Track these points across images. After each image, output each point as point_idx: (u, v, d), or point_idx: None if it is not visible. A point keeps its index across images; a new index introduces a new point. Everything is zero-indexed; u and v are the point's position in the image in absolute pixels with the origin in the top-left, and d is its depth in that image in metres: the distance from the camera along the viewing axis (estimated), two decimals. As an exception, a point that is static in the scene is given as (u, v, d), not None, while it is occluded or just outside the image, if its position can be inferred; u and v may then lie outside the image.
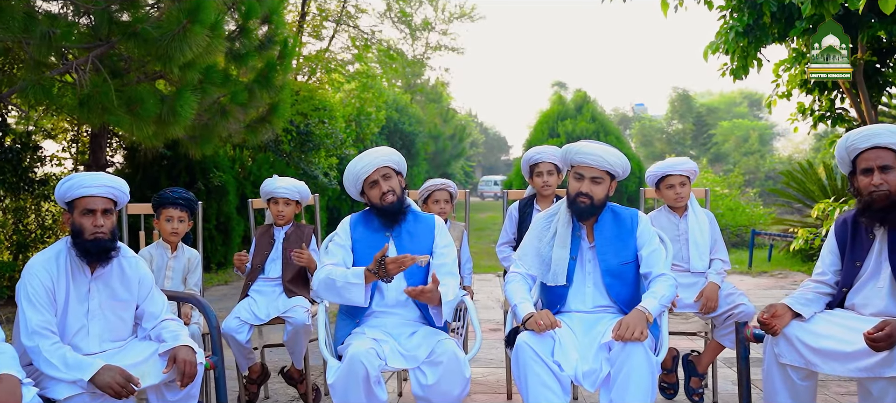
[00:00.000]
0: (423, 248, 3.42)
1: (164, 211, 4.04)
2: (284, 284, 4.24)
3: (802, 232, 9.52)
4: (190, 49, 6.65)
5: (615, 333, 2.97)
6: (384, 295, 3.39)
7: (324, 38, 16.12)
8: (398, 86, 26.32)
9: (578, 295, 3.34)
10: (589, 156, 3.25)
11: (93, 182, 2.96)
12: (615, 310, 3.31)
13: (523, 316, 3.16)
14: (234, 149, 12.66)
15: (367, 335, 3.21)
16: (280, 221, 4.38)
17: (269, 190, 4.37)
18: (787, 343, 2.99)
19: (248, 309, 4.14)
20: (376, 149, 3.49)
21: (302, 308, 4.08)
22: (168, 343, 2.99)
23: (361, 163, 3.42)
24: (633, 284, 3.34)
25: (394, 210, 3.40)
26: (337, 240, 3.43)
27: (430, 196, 4.56)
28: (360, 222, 3.49)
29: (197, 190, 10.91)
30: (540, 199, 4.49)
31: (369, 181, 3.42)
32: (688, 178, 4.18)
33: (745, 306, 3.96)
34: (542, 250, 3.38)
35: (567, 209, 3.38)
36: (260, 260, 4.33)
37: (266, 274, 4.31)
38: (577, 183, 3.30)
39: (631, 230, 3.34)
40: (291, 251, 4.21)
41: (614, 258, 3.30)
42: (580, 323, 3.26)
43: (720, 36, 8.14)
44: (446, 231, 3.52)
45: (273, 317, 4.13)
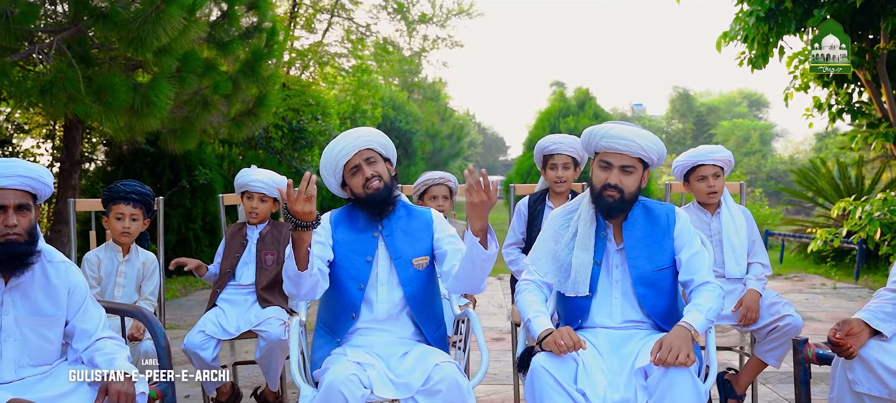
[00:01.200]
0: (423, 248, 2.86)
1: (114, 208, 3.47)
2: (258, 292, 3.68)
3: (821, 232, 8.96)
4: (165, 32, 6.11)
5: (655, 356, 2.41)
6: (372, 308, 2.82)
7: (317, 31, 15.55)
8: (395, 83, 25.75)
9: (604, 307, 2.78)
10: (619, 141, 2.69)
11: (3, 171, 2.38)
12: (649, 326, 2.75)
13: (540, 333, 2.60)
14: (221, 146, 12.10)
15: (350, 357, 2.65)
16: (253, 219, 3.81)
17: (243, 182, 3.81)
18: (865, 368, 2.43)
19: (216, 322, 3.58)
20: (357, 129, 2.93)
21: (277, 320, 3.52)
22: (101, 368, 2.42)
23: (340, 146, 2.86)
24: (669, 294, 2.78)
25: (381, 198, 2.83)
26: (317, 237, 2.86)
27: (426, 191, 4.00)
28: (342, 220, 2.92)
29: (182, 188, 10.36)
30: (553, 196, 3.93)
31: (350, 167, 2.86)
32: (722, 169, 3.62)
33: (792, 318, 3.41)
34: (559, 253, 2.82)
35: (590, 204, 2.82)
36: (230, 263, 3.77)
37: (237, 281, 3.74)
38: (604, 172, 2.74)
39: (667, 229, 2.79)
40: (265, 252, 3.65)
41: (648, 263, 2.74)
42: (607, 342, 2.70)
43: (738, 22, 7.58)
44: (447, 222, 2.97)
45: (244, 331, 3.57)
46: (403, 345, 2.80)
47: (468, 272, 2.62)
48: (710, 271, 2.74)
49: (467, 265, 2.60)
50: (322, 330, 2.89)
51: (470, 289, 2.69)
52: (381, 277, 2.84)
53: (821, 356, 2.64)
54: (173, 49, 6.51)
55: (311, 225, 2.47)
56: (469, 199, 2.49)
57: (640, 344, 2.64)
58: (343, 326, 2.82)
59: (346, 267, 2.82)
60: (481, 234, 2.53)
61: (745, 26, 7.47)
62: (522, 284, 2.83)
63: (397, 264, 2.82)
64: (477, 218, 2.51)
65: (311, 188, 2.40)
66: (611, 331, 2.74)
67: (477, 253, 2.54)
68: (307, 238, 2.51)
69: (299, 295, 2.67)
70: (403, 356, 2.74)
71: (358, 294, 2.80)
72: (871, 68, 8.38)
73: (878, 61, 8.27)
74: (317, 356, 2.82)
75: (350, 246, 2.84)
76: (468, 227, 2.56)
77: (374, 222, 2.87)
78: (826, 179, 12.54)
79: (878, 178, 12.28)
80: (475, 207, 2.49)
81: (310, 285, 2.63)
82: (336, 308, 2.84)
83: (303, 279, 2.57)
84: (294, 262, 2.53)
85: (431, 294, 2.91)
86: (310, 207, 2.42)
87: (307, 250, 2.53)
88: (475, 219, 2.51)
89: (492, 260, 2.57)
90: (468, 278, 2.64)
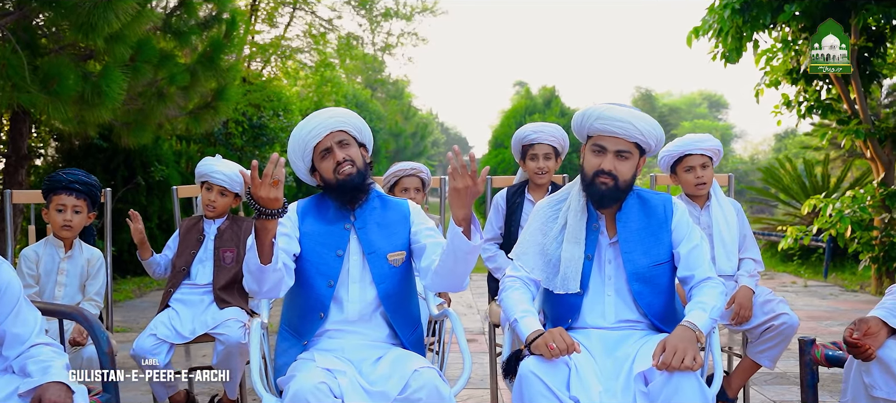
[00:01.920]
0: (399, 242, 2.61)
1: (54, 198, 3.16)
2: (215, 292, 3.39)
3: (792, 230, 8.89)
4: (116, 18, 5.75)
5: (657, 360, 2.19)
6: (343, 307, 2.55)
7: (278, 25, 15.16)
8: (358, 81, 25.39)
9: (596, 306, 2.55)
10: (615, 123, 2.46)
11: None
12: (645, 326, 2.53)
13: (528, 335, 2.36)
14: (179, 142, 11.68)
15: (318, 363, 2.39)
16: (209, 212, 3.52)
17: (204, 171, 3.51)
18: (883, 371, 2.23)
19: (168, 325, 3.28)
20: (330, 108, 2.66)
21: (236, 322, 3.24)
22: (33, 378, 2.13)
23: (310, 126, 2.59)
24: (667, 291, 2.56)
25: (353, 185, 2.55)
26: (282, 229, 2.59)
27: (397, 183, 3.74)
28: (311, 210, 2.65)
29: (137, 185, 9.95)
30: (532, 188, 3.70)
31: (321, 149, 2.58)
32: (711, 159, 3.42)
33: (788, 316, 3.22)
34: (547, 247, 2.59)
35: (580, 193, 2.59)
36: (184, 260, 3.47)
37: (192, 279, 3.44)
38: (597, 158, 2.51)
39: (664, 221, 2.57)
40: (223, 249, 3.36)
41: (643, 257, 2.52)
42: (600, 344, 2.47)
43: (713, 14, 7.43)
44: (425, 214, 2.71)
45: (200, 334, 3.27)
46: (377, 349, 2.55)
47: (449, 267, 2.37)
48: (711, 266, 2.53)
49: (449, 259, 2.35)
50: (286, 333, 2.61)
51: (451, 286, 2.45)
52: (352, 273, 2.58)
53: (831, 357, 2.45)
54: (126, 36, 6.15)
55: (277, 214, 2.20)
56: (452, 184, 2.24)
57: (637, 346, 2.41)
58: (310, 327, 2.55)
59: (314, 261, 2.55)
60: (464, 224, 2.28)
61: (720, 19, 7.32)
62: (507, 281, 2.58)
63: (371, 259, 2.56)
64: (460, 206, 2.26)
65: (279, 172, 2.13)
66: (604, 332, 2.52)
67: (459, 245, 2.29)
68: (272, 228, 2.24)
69: (261, 293, 2.39)
70: (377, 361, 2.48)
71: (327, 291, 2.54)
72: (844, 65, 8.32)
73: (848, 58, 8.21)
74: (281, 361, 2.55)
75: (319, 239, 2.57)
76: (448, 218, 2.31)
77: (345, 212, 2.61)
78: (792, 177, 12.55)
79: (843, 176, 12.32)
80: (459, 193, 2.24)
81: (273, 281, 2.36)
82: (303, 307, 2.57)
83: (266, 274, 2.30)
84: (256, 255, 2.26)
85: (408, 292, 2.66)
86: (276, 193, 2.15)
87: (271, 241, 2.26)
88: (458, 207, 2.26)
89: (476, 253, 2.33)
90: (449, 274, 2.39)
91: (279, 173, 2.13)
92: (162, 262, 3.57)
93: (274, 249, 2.28)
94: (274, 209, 2.18)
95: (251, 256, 2.28)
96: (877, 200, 8.23)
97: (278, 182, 2.13)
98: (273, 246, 2.28)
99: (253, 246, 2.27)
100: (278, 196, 2.16)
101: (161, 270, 3.56)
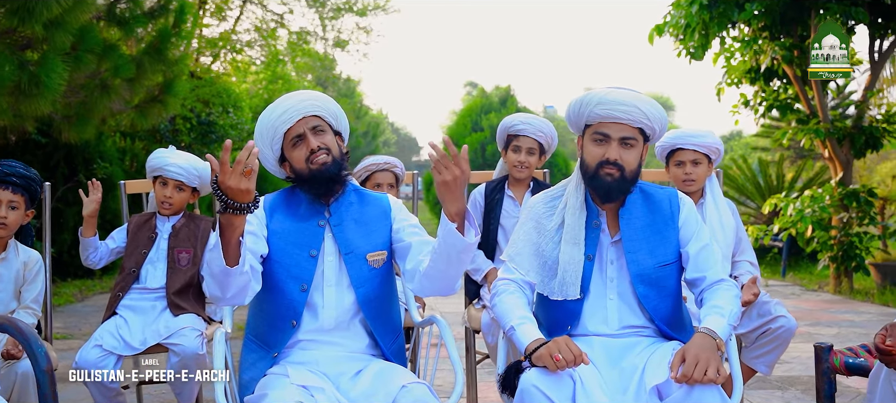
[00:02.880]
0: (379, 241, 2.35)
1: (-13, 194, 2.80)
2: (169, 297, 3.08)
3: (752, 229, 8.87)
4: (57, 3, 5.37)
5: (677, 371, 1.97)
6: (318, 314, 2.28)
7: (228, 18, 14.70)
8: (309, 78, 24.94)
9: (598, 311, 2.33)
10: (618, 107, 2.24)
11: None
12: (651, 332, 2.32)
13: (528, 344, 2.12)
14: (123, 138, 11.18)
15: (293, 379, 2.11)
16: (165, 210, 3.20)
17: (157, 165, 3.19)
18: (916, 380, 2.06)
19: (116, 334, 2.96)
20: (303, 91, 2.38)
21: (193, 331, 2.94)
22: None
23: (281, 109, 2.29)
24: (674, 294, 2.35)
25: (328, 175, 2.27)
26: (249, 227, 2.31)
27: (368, 179, 3.47)
28: (280, 206, 2.37)
29: (78, 183, 9.44)
30: (512, 183, 3.48)
31: (292, 136, 2.30)
32: (706, 157, 3.22)
33: (786, 319, 3.06)
34: (543, 247, 2.36)
35: (579, 189, 2.36)
36: (134, 261, 3.14)
37: (142, 283, 3.13)
38: (600, 147, 2.29)
39: (670, 217, 2.36)
40: (178, 250, 3.06)
41: (649, 257, 2.30)
42: (603, 353, 2.25)
43: (679, 9, 7.32)
44: (405, 208, 2.46)
45: (152, 344, 2.95)
46: (356, 361, 2.28)
47: (441, 268, 2.12)
48: (723, 267, 2.33)
49: (441, 259, 2.09)
50: (253, 344, 2.33)
51: (443, 289, 2.19)
52: (328, 276, 2.31)
53: (852, 365, 2.27)
54: (67, 23, 5.74)
55: (248, 208, 1.92)
56: (439, 178, 1.99)
57: (646, 356, 2.19)
58: (280, 337, 2.27)
59: (284, 263, 2.27)
60: (458, 219, 2.03)
61: (687, 14, 7.22)
62: (501, 284, 2.34)
63: (348, 260, 2.29)
64: (453, 200, 2.01)
65: (253, 161, 1.86)
66: (607, 340, 2.29)
67: (454, 243, 2.03)
68: (240, 224, 1.96)
69: (224, 299, 2.10)
70: (357, 375, 2.22)
71: (300, 297, 2.26)
72: (801, 64, 8.32)
73: (808, 57, 8.20)
74: (247, 376, 2.26)
75: (290, 238, 2.29)
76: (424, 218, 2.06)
77: (319, 208, 2.33)
78: (747, 178, 12.62)
79: (796, 177, 12.43)
80: (448, 186, 1.99)
81: (239, 285, 2.07)
82: (272, 314, 2.28)
83: (231, 277, 2.01)
84: (221, 256, 1.97)
85: (389, 297, 2.40)
86: (248, 184, 1.87)
87: (239, 240, 1.98)
88: (451, 201, 2.01)
89: (472, 250, 2.08)
90: (442, 275, 2.13)
91: (253, 162, 1.86)
92: (101, 249, 3.24)
93: (241, 249, 2.00)
94: (244, 202, 1.90)
95: (215, 257, 1.99)
96: (835, 200, 8.25)
97: (251, 171, 1.86)
98: (240, 245, 2.00)
99: (217, 245, 1.98)
100: (250, 187, 1.89)
101: (96, 257, 3.22)
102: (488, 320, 3.22)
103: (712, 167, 3.23)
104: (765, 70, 8.51)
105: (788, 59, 8.12)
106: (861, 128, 8.46)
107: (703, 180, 3.20)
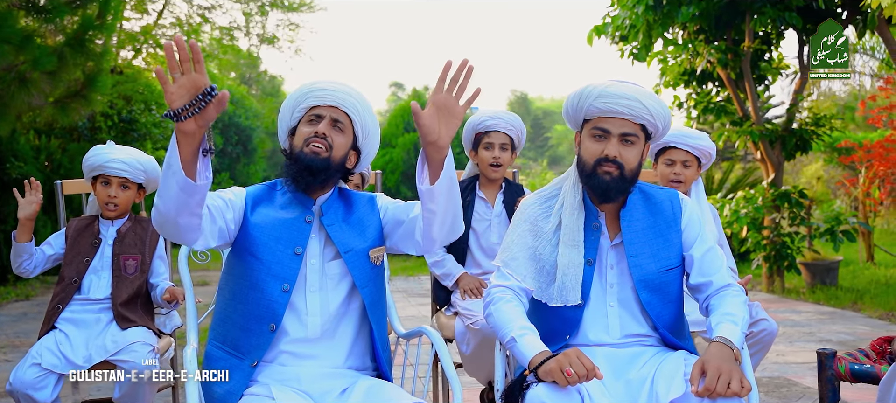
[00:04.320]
0: (373, 235, 2.16)
1: None
2: (115, 308, 2.80)
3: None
4: (-30, -13, 4.95)
5: (698, 385, 1.84)
6: (302, 321, 2.07)
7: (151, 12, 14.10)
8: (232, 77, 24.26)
9: (599, 319, 2.19)
10: (620, 101, 2.10)
11: None
12: (655, 341, 2.19)
13: (533, 357, 1.96)
14: (38, 136, 10.54)
15: (277, 399, 1.89)
16: (110, 212, 2.91)
17: (97, 163, 2.89)
18: (932, 387, 1.99)
19: (56, 351, 2.66)
20: (354, 88, 2.17)
21: (144, 345, 2.67)
22: None
23: (320, 86, 2.14)
24: (677, 300, 2.23)
25: (314, 166, 2.05)
26: (223, 193, 2.09)
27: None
28: (263, 198, 2.15)
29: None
30: (484, 184, 3.31)
31: (313, 113, 2.12)
32: (697, 160, 3.13)
33: (767, 322, 2.99)
34: (540, 251, 2.20)
35: (576, 188, 2.22)
36: (75, 270, 2.85)
37: (85, 294, 2.84)
38: (599, 143, 2.15)
39: (672, 219, 2.24)
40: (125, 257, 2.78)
41: (652, 261, 2.18)
42: (607, 364, 2.11)
43: (625, 8, 7.29)
44: (388, 197, 2.27)
45: (98, 361, 2.66)
46: (340, 378, 2.08)
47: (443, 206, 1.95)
48: (729, 272, 2.22)
49: (441, 197, 1.92)
50: (221, 352, 2.08)
51: (454, 231, 2.04)
52: (311, 280, 2.10)
53: (857, 372, 2.20)
54: (-19, 11, 5.32)
55: (207, 95, 1.63)
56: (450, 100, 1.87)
57: (653, 367, 2.06)
58: (256, 343, 2.03)
59: (265, 259, 2.04)
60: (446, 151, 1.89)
61: (632, 15, 7.20)
62: (496, 292, 2.17)
63: (350, 259, 2.10)
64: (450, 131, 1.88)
65: (197, 55, 1.61)
66: (610, 350, 2.15)
67: (450, 174, 1.92)
68: (196, 130, 1.67)
69: (177, 226, 1.81)
70: (343, 393, 2.03)
71: (281, 298, 2.04)
72: (735, 67, 8.45)
73: (742, 60, 8.34)
74: (218, 391, 2.02)
75: (272, 232, 2.07)
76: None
77: (306, 203, 2.13)
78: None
79: (725, 178, 12.69)
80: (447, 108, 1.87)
81: (195, 206, 1.78)
82: (246, 317, 2.05)
83: (192, 195, 1.74)
84: (179, 165, 1.70)
85: (386, 300, 2.23)
86: (199, 78, 1.62)
87: (197, 151, 1.71)
88: (452, 128, 1.88)
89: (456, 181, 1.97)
90: (452, 216, 1.99)
91: (197, 54, 1.61)
92: (37, 256, 2.92)
93: (201, 170, 1.74)
94: (207, 89, 1.63)
95: (170, 173, 1.71)
96: (768, 201, 8.41)
97: (200, 61, 1.61)
98: (197, 158, 1.72)
99: (173, 152, 1.69)
100: (202, 77, 1.63)
101: (31, 264, 2.90)
102: (462, 328, 3.05)
103: (700, 171, 3.15)
104: (700, 73, 8.61)
105: (723, 63, 8.23)
106: (792, 130, 8.65)
107: (691, 182, 3.11)
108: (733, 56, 8.32)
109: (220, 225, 2.01)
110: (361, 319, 2.15)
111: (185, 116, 1.63)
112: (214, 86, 1.63)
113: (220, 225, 2.01)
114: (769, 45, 8.84)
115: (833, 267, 8.82)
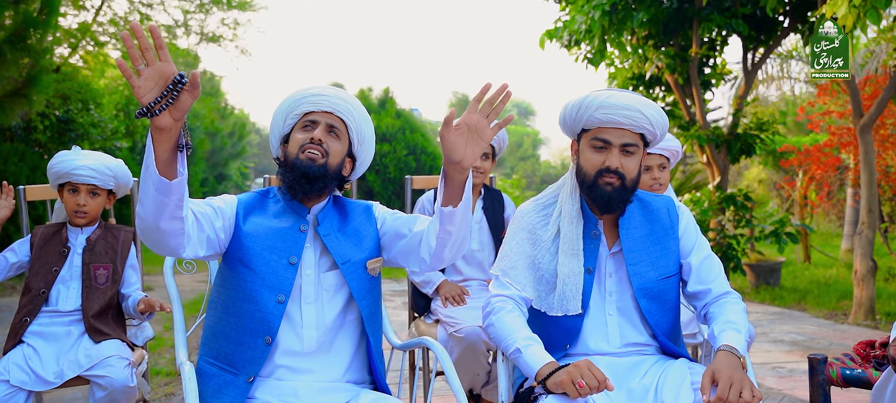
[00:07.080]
0: (373, 246, 2.10)
1: None
2: (87, 321, 2.67)
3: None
4: None
5: (710, 395, 1.84)
6: (298, 333, 2.00)
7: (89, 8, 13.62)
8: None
9: (599, 328, 2.18)
10: (620, 111, 2.10)
11: None
12: (654, 349, 2.20)
13: (540, 368, 1.94)
14: (-32, 137, 10.09)
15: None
16: (79, 220, 2.77)
17: (64, 170, 2.75)
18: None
19: (24, 366, 2.52)
20: (348, 93, 2.11)
21: (120, 360, 2.55)
22: None
23: (314, 92, 2.07)
24: (674, 309, 2.24)
25: (307, 171, 1.99)
26: (212, 201, 2.01)
27: None
28: (256, 207, 2.08)
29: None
30: (463, 189, 3.27)
31: (308, 119, 2.06)
32: (668, 160, 3.17)
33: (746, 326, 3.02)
34: (539, 259, 2.18)
35: (573, 197, 2.21)
36: (43, 281, 2.70)
37: (54, 306, 2.70)
38: (600, 154, 2.14)
39: (669, 227, 2.25)
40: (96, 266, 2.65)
41: (651, 269, 2.18)
42: (608, 373, 2.07)
43: (581, 14, 7.35)
44: (385, 207, 2.22)
45: (71, 377, 2.54)
46: (339, 392, 2.02)
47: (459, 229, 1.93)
48: (726, 279, 2.24)
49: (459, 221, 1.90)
50: (213, 366, 2.00)
51: (462, 251, 2.01)
52: (306, 292, 2.03)
53: (849, 377, 2.23)
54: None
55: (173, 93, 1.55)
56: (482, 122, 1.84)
57: (655, 376, 2.06)
58: (252, 357, 1.96)
59: (259, 270, 1.97)
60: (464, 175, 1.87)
61: (589, 20, 7.26)
62: (497, 302, 2.14)
63: (347, 270, 2.04)
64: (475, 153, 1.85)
65: (158, 40, 1.53)
66: (610, 359, 2.14)
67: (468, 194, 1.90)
68: (172, 124, 1.58)
69: (159, 232, 1.73)
70: (343, 410, 1.96)
71: (276, 309, 1.97)
72: (682, 73, 8.62)
73: (689, 65, 8.51)
74: (212, 409, 1.94)
75: (266, 242, 2.00)
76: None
77: (300, 211, 2.06)
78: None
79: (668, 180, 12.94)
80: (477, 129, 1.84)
81: (175, 208, 1.71)
82: (240, 330, 1.97)
83: (169, 195, 1.66)
84: (155, 166, 1.63)
85: (382, 310, 2.18)
86: (165, 66, 1.54)
87: (175, 147, 1.63)
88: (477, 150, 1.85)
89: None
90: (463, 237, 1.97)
91: (160, 42, 1.54)
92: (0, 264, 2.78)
93: (178, 164, 1.66)
94: (176, 77, 1.54)
95: (147, 176, 1.64)
96: (714, 204, 8.60)
97: (163, 48, 1.53)
98: (176, 156, 1.65)
99: (150, 152, 1.62)
100: (168, 65, 1.54)
101: None
102: (445, 336, 3.01)
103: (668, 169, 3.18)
104: (648, 78, 8.76)
105: (672, 68, 8.39)
106: (737, 135, 8.87)
107: (668, 184, 3.13)
108: (681, 61, 8.49)
109: (208, 233, 1.93)
110: (359, 332, 2.10)
111: (159, 110, 1.54)
112: (183, 73, 1.55)
113: (209, 234, 1.93)
114: (715, 51, 9.05)
115: (776, 268, 9.08)
